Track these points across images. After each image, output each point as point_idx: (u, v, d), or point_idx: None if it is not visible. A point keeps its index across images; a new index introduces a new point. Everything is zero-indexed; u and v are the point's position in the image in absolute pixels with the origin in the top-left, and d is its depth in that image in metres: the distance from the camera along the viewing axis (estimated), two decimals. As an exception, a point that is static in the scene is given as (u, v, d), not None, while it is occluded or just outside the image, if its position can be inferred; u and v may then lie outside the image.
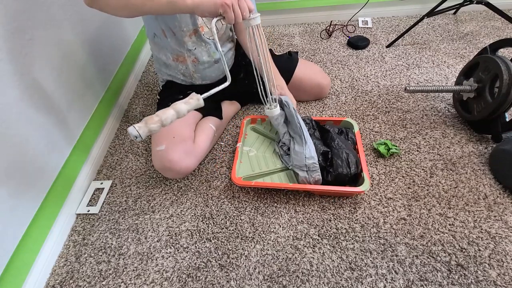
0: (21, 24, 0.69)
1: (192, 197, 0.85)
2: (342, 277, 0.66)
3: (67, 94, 0.85)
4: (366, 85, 1.11)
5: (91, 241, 0.78)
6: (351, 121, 0.89)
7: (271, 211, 0.79)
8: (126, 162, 0.97)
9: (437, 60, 1.17)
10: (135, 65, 1.29)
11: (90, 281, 0.71)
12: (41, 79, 0.75)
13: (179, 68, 0.90)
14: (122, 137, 1.05)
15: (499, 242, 0.68)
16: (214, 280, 0.68)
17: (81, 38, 0.92)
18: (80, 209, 0.85)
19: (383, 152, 0.86)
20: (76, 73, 0.89)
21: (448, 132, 0.92)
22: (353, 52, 1.28)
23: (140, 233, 0.78)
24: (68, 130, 0.85)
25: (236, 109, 1.07)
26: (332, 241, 0.72)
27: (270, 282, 0.67)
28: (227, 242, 0.74)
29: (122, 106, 1.14)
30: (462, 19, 1.37)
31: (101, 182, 0.91)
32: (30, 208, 0.71)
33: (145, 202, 0.85)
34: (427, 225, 0.72)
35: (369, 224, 0.74)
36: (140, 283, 0.69)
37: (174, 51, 0.86)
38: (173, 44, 0.83)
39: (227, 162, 0.92)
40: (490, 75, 0.81)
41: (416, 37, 1.30)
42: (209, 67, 0.89)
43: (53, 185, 0.78)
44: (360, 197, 0.79)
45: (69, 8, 0.87)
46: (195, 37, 0.82)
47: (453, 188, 0.79)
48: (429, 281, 0.64)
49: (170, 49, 0.86)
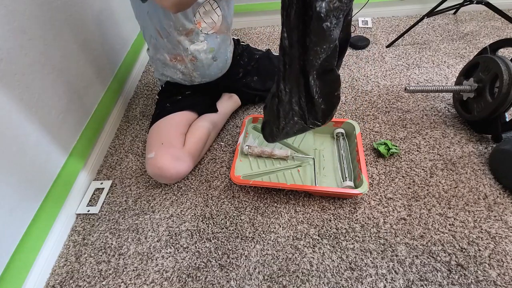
0: (21, 24, 0.69)
1: (192, 197, 0.85)
2: (342, 277, 0.66)
3: (67, 94, 0.85)
4: (366, 85, 1.11)
5: (91, 241, 0.78)
6: (353, 123, 0.89)
7: (271, 211, 0.79)
8: (126, 162, 0.97)
9: (437, 60, 1.17)
10: (135, 65, 1.29)
11: (90, 281, 0.71)
12: (41, 79, 0.75)
13: (178, 67, 0.89)
14: (122, 137, 1.05)
15: (499, 242, 0.68)
16: (214, 280, 0.68)
17: (81, 38, 0.92)
18: (80, 209, 0.85)
19: (383, 152, 0.86)
20: (76, 73, 0.89)
21: (448, 132, 0.92)
22: (353, 52, 1.28)
23: (140, 233, 0.78)
24: (68, 130, 0.85)
25: (235, 104, 1.04)
26: (332, 241, 0.72)
27: (270, 282, 0.67)
28: (227, 242, 0.74)
29: (122, 106, 1.14)
30: (462, 19, 1.36)
31: (101, 182, 0.91)
32: (30, 208, 0.71)
33: (145, 202, 0.85)
34: (427, 225, 0.72)
35: (369, 224, 0.74)
36: (140, 283, 0.69)
37: (171, 51, 0.85)
38: (169, 44, 0.83)
39: (227, 162, 0.92)
40: (490, 75, 0.81)
41: (416, 37, 1.30)
42: (208, 64, 0.89)
43: (53, 185, 0.78)
44: (360, 197, 0.79)
45: (69, 8, 0.87)
46: (192, 35, 0.82)
47: (453, 188, 0.79)
48: (429, 281, 0.64)
49: (167, 50, 0.86)
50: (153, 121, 0.91)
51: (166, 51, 0.86)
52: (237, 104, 1.04)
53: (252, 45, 1.12)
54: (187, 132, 0.89)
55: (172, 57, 0.87)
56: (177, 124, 0.88)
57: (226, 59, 0.94)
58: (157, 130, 0.87)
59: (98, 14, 1.02)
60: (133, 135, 1.05)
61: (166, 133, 0.85)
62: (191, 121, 0.93)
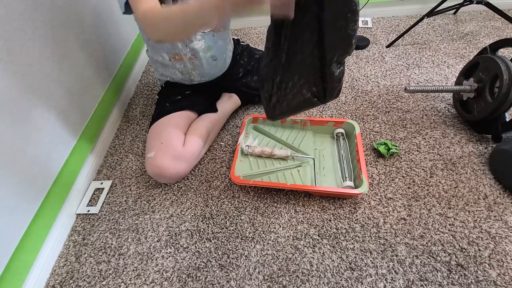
0: (21, 24, 0.69)
1: (192, 197, 0.85)
2: (342, 277, 0.66)
3: (67, 94, 0.85)
4: (366, 85, 1.11)
5: (91, 241, 0.78)
6: (353, 123, 0.89)
7: (271, 211, 0.79)
8: (126, 162, 0.97)
9: (437, 60, 1.17)
10: (135, 65, 1.29)
11: (90, 281, 0.71)
12: (41, 79, 0.75)
13: (177, 67, 0.89)
14: (122, 137, 1.05)
15: (499, 242, 0.68)
16: (214, 280, 0.68)
17: (81, 38, 0.92)
18: (80, 209, 0.85)
19: (383, 152, 0.86)
20: (76, 73, 0.89)
21: (448, 132, 0.92)
22: (353, 52, 1.27)
23: (140, 233, 0.78)
24: (68, 130, 0.85)
25: (235, 104, 1.04)
26: (332, 241, 0.72)
27: (270, 282, 0.67)
28: (227, 242, 0.74)
29: (122, 106, 1.14)
30: (462, 19, 1.36)
31: (101, 182, 0.91)
32: (30, 208, 0.71)
33: (145, 202, 0.85)
34: (427, 225, 0.72)
35: (369, 224, 0.74)
36: (140, 283, 0.69)
37: (170, 51, 0.86)
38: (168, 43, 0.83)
39: (227, 162, 0.92)
40: (490, 75, 0.81)
41: (416, 37, 1.30)
42: (207, 63, 0.89)
43: (53, 185, 0.78)
44: (360, 197, 0.79)
45: (69, 8, 0.87)
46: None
47: (453, 188, 0.79)
48: (429, 281, 0.64)
49: (166, 49, 0.86)
50: (153, 121, 0.91)
51: (164, 51, 0.86)
52: (237, 104, 1.04)
53: (252, 45, 1.12)
54: (187, 132, 0.89)
55: (171, 56, 0.87)
56: (177, 124, 0.88)
57: (225, 58, 0.94)
58: (157, 130, 0.88)
59: (98, 14, 1.02)
60: (133, 135, 1.05)
61: (166, 133, 0.85)
62: (191, 121, 0.93)
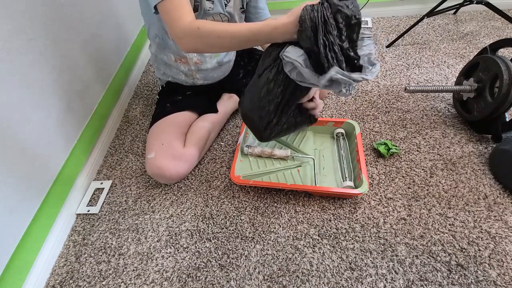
0: (21, 24, 0.69)
1: (192, 197, 0.85)
2: (342, 277, 0.66)
3: (67, 94, 0.85)
4: (366, 85, 1.11)
5: (91, 241, 0.78)
6: (353, 123, 0.89)
7: (271, 211, 0.79)
8: (126, 162, 0.97)
9: (437, 60, 1.17)
10: (135, 65, 1.29)
11: (90, 281, 0.71)
12: (41, 79, 0.75)
13: (181, 68, 0.90)
14: (122, 137, 1.05)
15: (499, 242, 0.68)
16: (214, 280, 0.68)
17: (81, 38, 0.92)
18: (80, 209, 0.85)
19: (383, 152, 0.86)
20: (76, 73, 0.89)
21: (448, 132, 0.92)
22: (353, 52, 1.27)
23: (140, 233, 0.78)
24: (68, 130, 0.85)
25: (235, 104, 1.03)
26: (332, 241, 0.72)
27: (270, 282, 0.67)
28: (227, 242, 0.74)
29: (122, 106, 1.14)
30: (462, 19, 1.36)
31: (101, 182, 0.91)
32: (30, 208, 0.71)
33: (145, 202, 0.85)
34: (427, 225, 0.72)
35: (369, 224, 0.74)
36: (140, 283, 0.69)
37: (177, 52, 0.86)
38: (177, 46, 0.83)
39: (227, 162, 0.92)
40: (490, 75, 0.81)
41: (416, 37, 1.30)
42: (212, 68, 0.89)
43: (53, 185, 0.78)
44: (360, 197, 0.79)
45: (69, 8, 0.87)
46: None
47: (453, 188, 0.79)
48: (429, 281, 0.64)
49: (173, 50, 0.86)
50: (153, 121, 0.91)
51: (172, 52, 0.86)
52: (237, 104, 1.04)
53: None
54: (187, 132, 0.89)
55: (177, 58, 0.87)
56: (177, 124, 0.88)
57: (229, 62, 0.95)
58: (157, 130, 0.87)
59: (98, 14, 1.02)
60: (133, 135, 1.05)
61: (166, 133, 0.85)
62: (191, 121, 0.93)
